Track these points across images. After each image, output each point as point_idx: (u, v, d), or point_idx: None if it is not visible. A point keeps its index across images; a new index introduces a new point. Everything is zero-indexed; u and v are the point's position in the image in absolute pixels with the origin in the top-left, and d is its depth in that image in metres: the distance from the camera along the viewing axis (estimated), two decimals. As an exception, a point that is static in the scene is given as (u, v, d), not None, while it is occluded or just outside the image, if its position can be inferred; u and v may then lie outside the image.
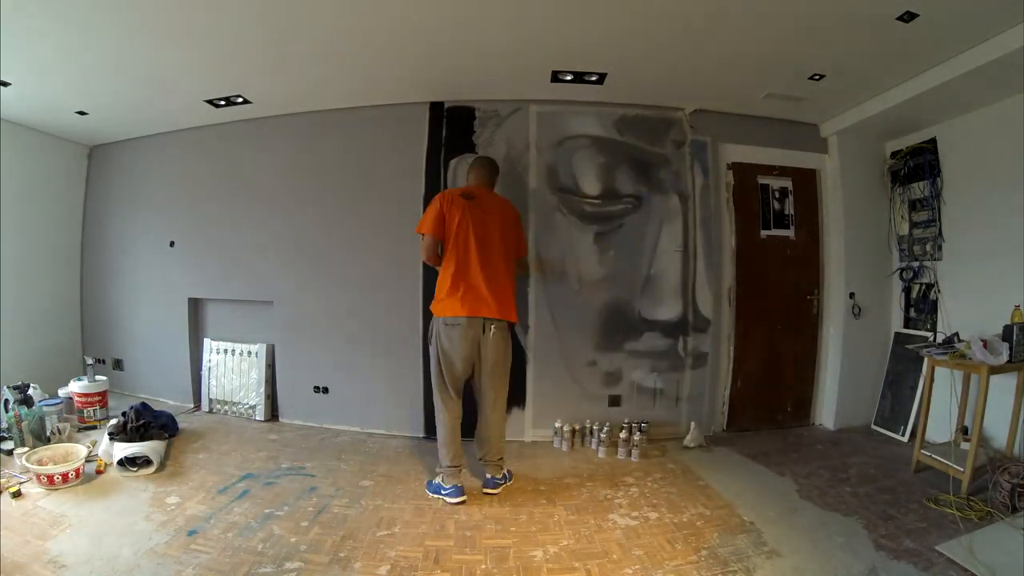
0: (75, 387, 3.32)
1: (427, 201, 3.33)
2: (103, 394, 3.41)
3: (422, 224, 2.55)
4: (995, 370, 2.45)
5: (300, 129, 3.58)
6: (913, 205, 3.47)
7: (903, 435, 3.27)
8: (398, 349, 3.39)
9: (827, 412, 3.62)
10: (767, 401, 3.60)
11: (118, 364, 4.21)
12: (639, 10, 2.28)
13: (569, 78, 2.99)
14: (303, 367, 3.60)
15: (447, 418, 2.51)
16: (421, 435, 3.33)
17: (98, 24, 2.40)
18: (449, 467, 2.46)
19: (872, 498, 2.46)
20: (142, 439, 2.76)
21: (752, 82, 3.00)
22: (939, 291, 3.30)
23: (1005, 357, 2.44)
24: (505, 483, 2.59)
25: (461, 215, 2.48)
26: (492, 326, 2.46)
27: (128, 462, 2.64)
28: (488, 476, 2.55)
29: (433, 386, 2.56)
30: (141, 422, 2.85)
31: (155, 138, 4.01)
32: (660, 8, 2.26)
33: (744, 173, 3.55)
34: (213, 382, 3.80)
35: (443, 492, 2.44)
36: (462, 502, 2.39)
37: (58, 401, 3.27)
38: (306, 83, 3.13)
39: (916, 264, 3.44)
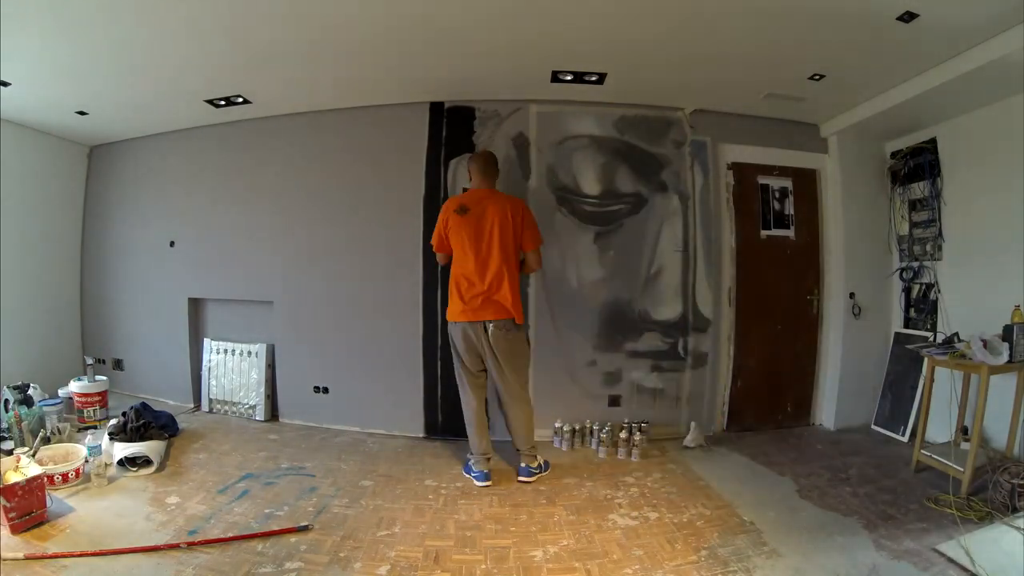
0: (75, 387, 3.32)
1: (427, 202, 3.35)
2: (103, 394, 3.41)
3: (432, 240, 2.83)
4: (995, 370, 2.44)
5: (300, 129, 3.58)
6: (913, 205, 3.47)
7: (903, 435, 3.27)
8: (398, 349, 3.39)
9: (827, 412, 3.62)
10: (767, 401, 3.60)
11: (118, 364, 4.21)
12: (639, 10, 2.28)
13: (569, 78, 2.99)
14: (303, 367, 3.60)
15: (468, 409, 2.76)
16: (421, 435, 3.33)
17: (98, 24, 2.40)
18: (477, 455, 2.68)
19: (872, 498, 2.46)
20: (142, 439, 2.76)
21: (752, 82, 3.00)
22: (939, 291, 3.30)
23: (1005, 357, 2.44)
24: (540, 472, 2.73)
25: (456, 230, 2.67)
26: (491, 326, 2.62)
27: (128, 462, 2.64)
28: (522, 465, 2.70)
29: (457, 380, 2.81)
30: (141, 422, 2.85)
31: (155, 138, 4.00)
32: (660, 8, 2.25)
33: (744, 173, 3.55)
34: (213, 382, 3.80)
35: (472, 474, 2.68)
36: (487, 486, 2.60)
37: (58, 401, 3.27)
38: (306, 83, 3.13)
39: (916, 264, 3.44)
